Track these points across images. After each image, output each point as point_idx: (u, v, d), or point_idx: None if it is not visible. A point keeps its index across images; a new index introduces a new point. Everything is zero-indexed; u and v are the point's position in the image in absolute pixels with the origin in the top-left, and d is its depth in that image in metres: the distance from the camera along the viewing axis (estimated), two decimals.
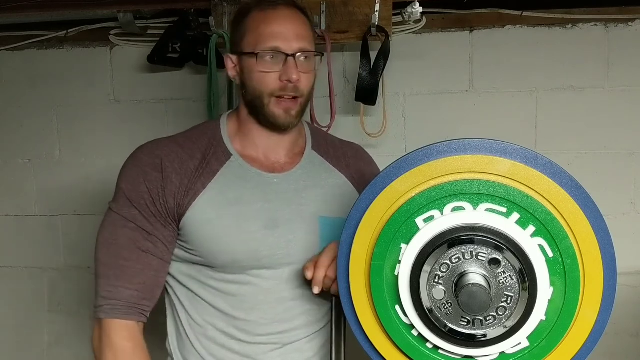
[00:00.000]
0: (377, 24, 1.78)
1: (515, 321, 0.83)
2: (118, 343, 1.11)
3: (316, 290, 1.09)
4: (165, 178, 1.13)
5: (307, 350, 1.21)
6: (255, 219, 1.15)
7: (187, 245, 1.16)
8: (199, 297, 1.18)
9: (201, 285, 1.18)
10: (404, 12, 1.84)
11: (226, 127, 1.23)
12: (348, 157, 1.32)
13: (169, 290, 1.23)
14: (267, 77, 1.15)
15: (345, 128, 1.97)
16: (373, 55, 1.81)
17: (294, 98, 1.17)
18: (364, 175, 1.31)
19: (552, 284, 0.84)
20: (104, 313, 1.11)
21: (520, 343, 0.86)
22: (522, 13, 1.97)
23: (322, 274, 1.08)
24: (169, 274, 1.20)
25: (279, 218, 1.17)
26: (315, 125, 1.87)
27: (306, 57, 1.17)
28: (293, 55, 1.14)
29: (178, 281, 1.20)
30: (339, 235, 1.16)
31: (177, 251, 1.18)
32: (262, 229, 1.15)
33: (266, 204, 1.16)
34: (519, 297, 0.82)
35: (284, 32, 1.14)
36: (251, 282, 1.16)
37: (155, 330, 1.28)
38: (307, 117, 1.84)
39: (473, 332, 0.84)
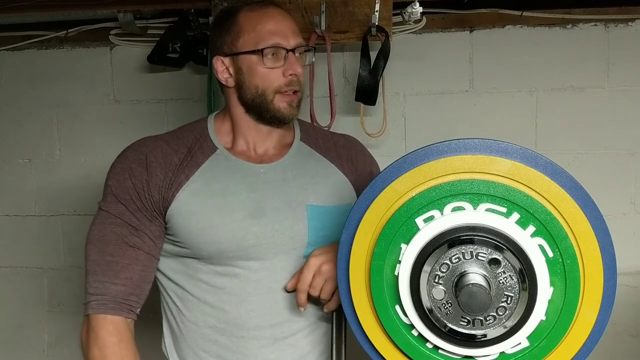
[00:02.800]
0: (377, 24, 1.78)
1: (515, 321, 0.83)
2: (104, 338, 1.12)
3: (301, 309, 1.13)
4: (150, 172, 1.15)
5: (302, 346, 1.20)
6: (240, 209, 1.15)
7: (174, 238, 1.16)
8: (189, 293, 1.18)
9: (190, 279, 1.18)
10: (404, 12, 1.84)
11: (213, 125, 1.25)
12: (339, 146, 1.32)
13: (161, 289, 1.23)
14: (271, 74, 1.17)
15: (345, 128, 1.97)
16: (373, 55, 1.81)
17: (294, 92, 1.19)
18: (356, 164, 1.31)
19: (552, 284, 0.84)
20: (91, 309, 1.13)
21: (520, 343, 0.86)
22: (522, 13, 1.97)
23: (304, 297, 1.11)
24: (160, 271, 1.20)
25: (266, 207, 1.17)
26: (315, 125, 1.87)
27: (302, 52, 1.21)
28: (293, 50, 1.17)
29: (169, 278, 1.20)
30: (328, 224, 1.17)
31: (166, 245, 1.18)
32: (248, 217, 1.15)
33: (252, 193, 1.17)
34: (519, 297, 0.82)
35: (282, 29, 1.17)
36: (239, 274, 1.16)
37: (154, 331, 1.28)
38: (307, 116, 1.84)
39: (473, 332, 0.84)
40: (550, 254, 0.83)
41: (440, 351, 0.89)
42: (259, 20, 1.17)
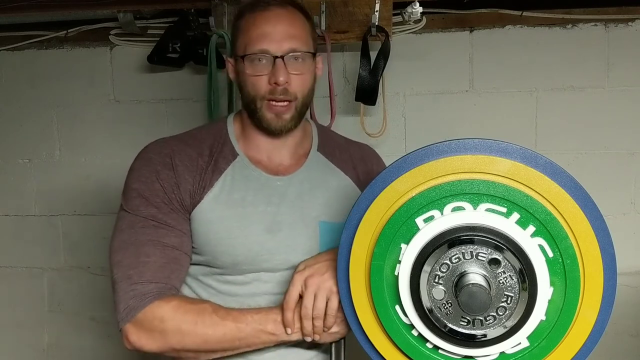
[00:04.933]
0: (377, 24, 1.78)
1: (515, 321, 0.83)
2: (170, 317, 1.05)
3: (288, 331, 1.06)
4: (178, 176, 1.12)
5: (304, 353, 1.19)
6: (257, 222, 1.14)
7: (192, 244, 1.15)
8: (197, 295, 1.18)
9: (199, 284, 1.18)
10: (404, 12, 1.84)
11: (232, 127, 1.22)
12: (355, 158, 1.30)
13: None
14: (258, 81, 1.12)
15: (345, 128, 1.97)
16: (373, 55, 1.81)
17: (288, 102, 1.13)
18: (372, 176, 1.28)
19: (552, 284, 0.84)
20: (136, 309, 1.05)
21: (520, 343, 0.86)
22: (522, 13, 1.97)
23: (290, 316, 1.05)
24: None
25: (282, 222, 1.16)
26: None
27: (298, 58, 1.13)
28: (282, 57, 1.11)
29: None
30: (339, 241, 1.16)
31: None
32: (264, 232, 1.14)
33: (269, 206, 1.16)
34: (519, 297, 0.82)
35: (272, 33, 1.11)
36: (249, 283, 1.16)
37: None
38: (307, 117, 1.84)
39: (473, 332, 0.84)
40: (550, 254, 0.83)
41: (440, 351, 0.89)
42: (254, 22, 1.13)
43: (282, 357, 1.16)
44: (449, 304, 0.84)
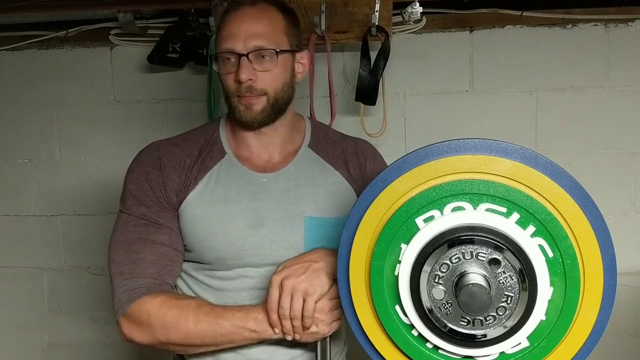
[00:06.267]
0: (377, 24, 1.78)
1: (515, 321, 0.83)
2: (155, 311, 1.09)
3: (275, 331, 1.07)
4: (165, 176, 1.17)
5: (291, 351, 1.19)
6: (240, 218, 1.16)
7: (183, 241, 1.18)
8: (193, 291, 1.21)
9: (193, 280, 1.21)
10: (404, 12, 1.84)
11: (223, 128, 1.26)
12: (347, 153, 1.30)
13: None
14: (228, 79, 1.16)
15: (345, 128, 1.95)
16: (373, 55, 1.81)
17: (258, 95, 1.15)
18: (363, 171, 1.29)
19: (552, 284, 0.84)
20: (126, 303, 1.10)
21: (520, 343, 0.86)
22: (522, 13, 1.98)
23: (275, 317, 1.06)
24: None
25: (265, 217, 1.17)
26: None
27: (264, 56, 1.14)
28: (247, 55, 1.13)
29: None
30: (325, 236, 1.17)
31: None
32: (247, 227, 1.16)
33: (253, 202, 1.18)
34: (519, 297, 0.82)
35: (237, 33, 1.14)
36: (236, 278, 1.18)
37: None
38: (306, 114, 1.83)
39: (473, 332, 0.84)
40: (550, 254, 0.83)
41: (440, 351, 0.89)
42: (225, 23, 1.17)
43: (270, 352, 1.17)
44: (449, 304, 0.84)
